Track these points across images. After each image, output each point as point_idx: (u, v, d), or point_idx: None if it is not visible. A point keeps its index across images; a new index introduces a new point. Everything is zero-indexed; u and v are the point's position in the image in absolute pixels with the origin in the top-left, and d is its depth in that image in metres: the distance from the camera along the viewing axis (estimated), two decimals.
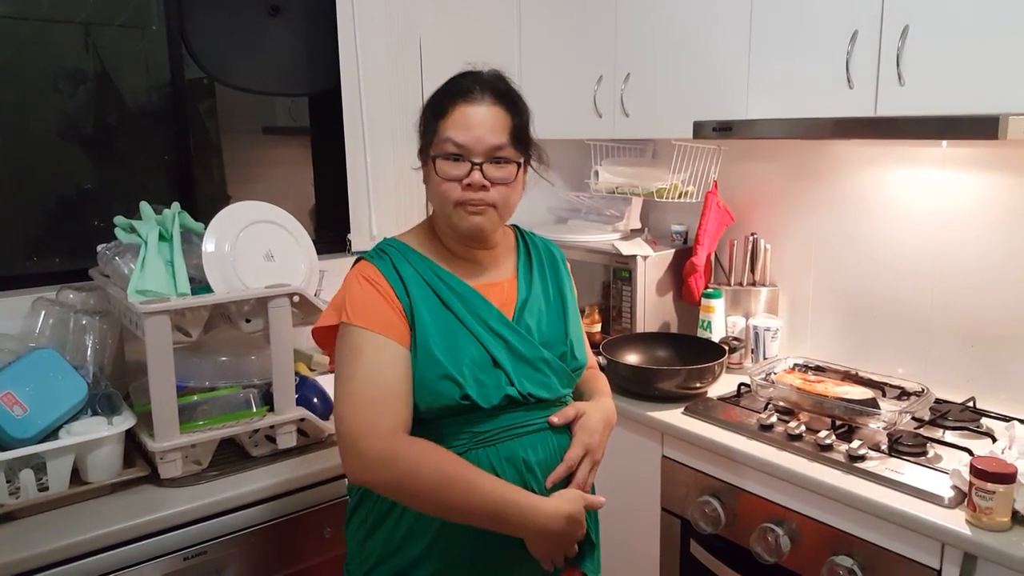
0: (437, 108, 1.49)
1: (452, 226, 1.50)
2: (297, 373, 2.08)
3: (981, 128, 1.68)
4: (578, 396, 1.68)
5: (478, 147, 1.44)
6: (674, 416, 2.21)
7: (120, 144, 2.52)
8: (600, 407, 1.61)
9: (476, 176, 1.44)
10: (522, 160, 1.51)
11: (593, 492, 1.59)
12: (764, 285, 2.67)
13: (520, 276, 1.61)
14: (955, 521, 1.61)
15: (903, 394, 2.16)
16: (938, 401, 2.14)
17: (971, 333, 2.21)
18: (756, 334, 2.57)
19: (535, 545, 1.42)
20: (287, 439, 2.00)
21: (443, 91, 1.50)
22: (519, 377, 1.47)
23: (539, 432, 1.49)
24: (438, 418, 1.44)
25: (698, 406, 2.24)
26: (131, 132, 2.54)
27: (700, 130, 2.29)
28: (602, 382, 1.77)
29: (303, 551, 1.93)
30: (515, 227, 1.72)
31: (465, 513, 1.36)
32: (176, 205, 2.05)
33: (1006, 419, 2.02)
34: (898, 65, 1.89)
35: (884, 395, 2.17)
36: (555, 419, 1.51)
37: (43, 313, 2.09)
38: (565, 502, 1.43)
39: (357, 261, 1.54)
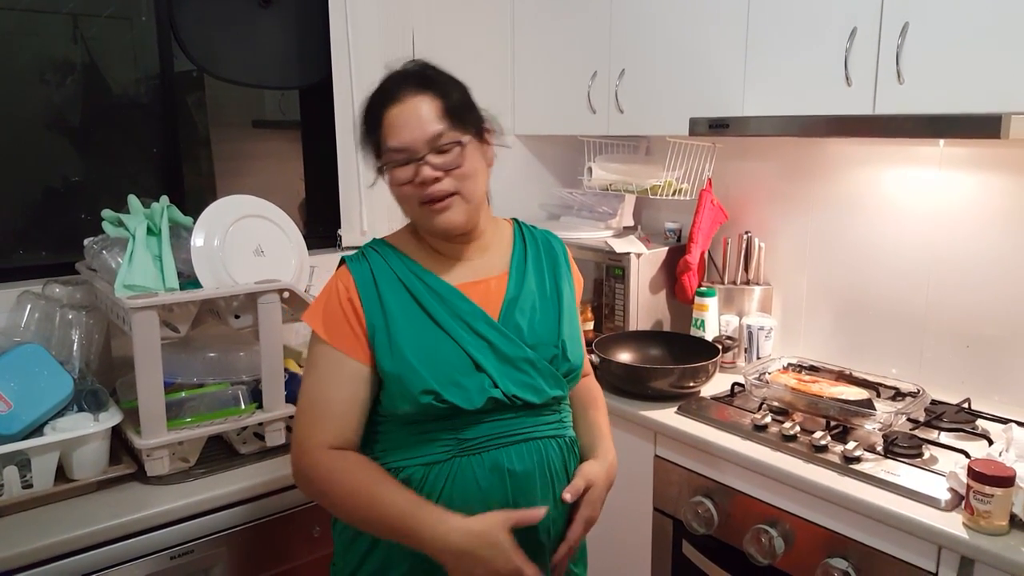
0: (371, 122, 1.45)
1: (426, 229, 1.48)
2: (286, 370, 2.05)
3: (983, 127, 1.66)
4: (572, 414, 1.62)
5: (417, 143, 1.39)
6: (667, 415, 2.19)
7: (108, 136, 2.49)
8: (606, 469, 1.54)
9: (425, 171, 1.39)
10: (465, 138, 1.43)
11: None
12: (758, 284, 2.66)
13: (512, 272, 1.55)
14: (952, 524, 1.59)
15: (898, 395, 2.15)
16: (933, 402, 2.13)
17: (966, 334, 2.20)
18: (750, 333, 2.56)
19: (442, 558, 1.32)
20: (276, 436, 1.98)
21: (370, 103, 1.46)
22: (502, 379, 1.43)
23: (526, 442, 1.45)
24: (423, 421, 1.41)
25: (691, 405, 2.22)
26: (119, 124, 2.51)
27: (696, 127, 2.27)
28: (601, 409, 1.70)
29: (291, 550, 1.91)
30: (515, 220, 1.67)
31: (372, 525, 1.37)
32: (165, 199, 2.02)
33: (1002, 421, 2.01)
34: (897, 63, 1.88)
35: (879, 395, 2.17)
36: (567, 496, 1.44)
37: (28, 307, 2.06)
38: (461, 534, 1.30)
39: (340, 263, 1.52)
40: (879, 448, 1.90)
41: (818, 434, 1.93)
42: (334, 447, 1.40)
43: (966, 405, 2.13)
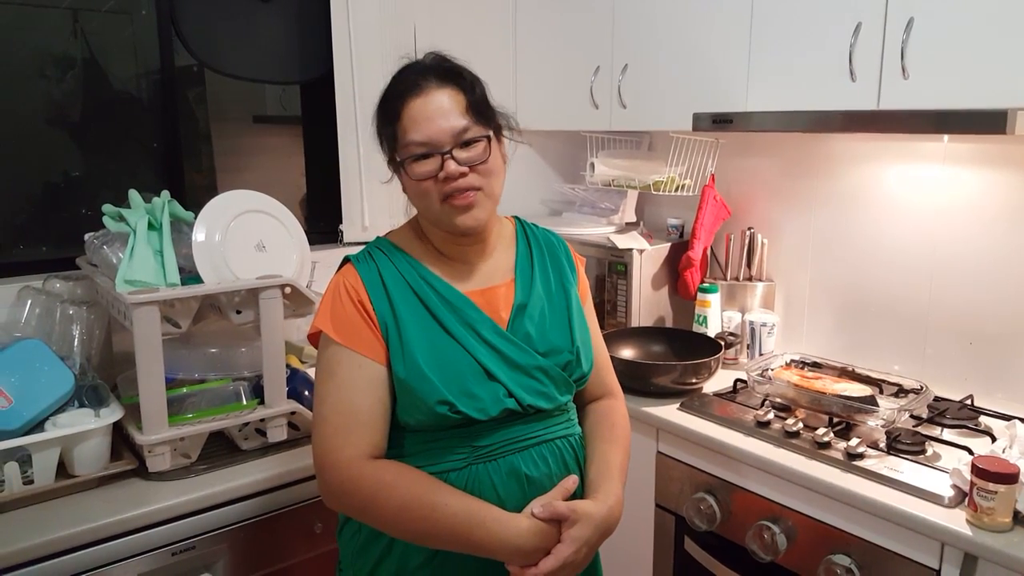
0: (389, 113, 1.41)
1: (446, 227, 1.43)
2: (288, 365, 2.05)
3: (988, 123, 1.65)
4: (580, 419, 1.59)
5: (442, 137, 1.35)
6: (669, 412, 2.19)
7: (108, 131, 2.48)
8: (601, 516, 1.37)
9: (451, 166, 1.35)
10: (490, 134, 1.41)
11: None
12: (760, 280, 2.65)
13: (518, 276, 1.52)
14: (955, 521, 1.59)
15: (901, 391, 2.14)
16: (936, 399, 2.12)
17: (969, 330, 2.19)
18: (752, 329, 2.55)
19: (511, 561, 1.34)
20: (277, 432, 1.97)
21: (388, 94, 1.42)
22: (517, 388, 1.40)
23: (539, 445, 1.43)
24: (435, 430, 1.38)
25: (693, 402, 2.22)
26: (119, 119, 2.50)
27: (699, 122, 2.26)
28: (618, 443, 1.54)
29: (293, 547, 1.90)
30: (516, 219, 1.64)
31: (432, 538, 1.32)
32: (166, 193, 2.01)
33: (1005, 417, 2.01)
34: (902, 58, 1.86)
35: (881, 392, 2.16)
36: (536, 510, 1.34)
37: (29, 302, 2.05)
38: (526, 537, 1.32)
39: (344, 262, 1.48)
40: (882, 445, 1.90)
41: (821, 431, 1.92)
42: (370, 457, 1.34)
43: (969, 402, 2.13)
